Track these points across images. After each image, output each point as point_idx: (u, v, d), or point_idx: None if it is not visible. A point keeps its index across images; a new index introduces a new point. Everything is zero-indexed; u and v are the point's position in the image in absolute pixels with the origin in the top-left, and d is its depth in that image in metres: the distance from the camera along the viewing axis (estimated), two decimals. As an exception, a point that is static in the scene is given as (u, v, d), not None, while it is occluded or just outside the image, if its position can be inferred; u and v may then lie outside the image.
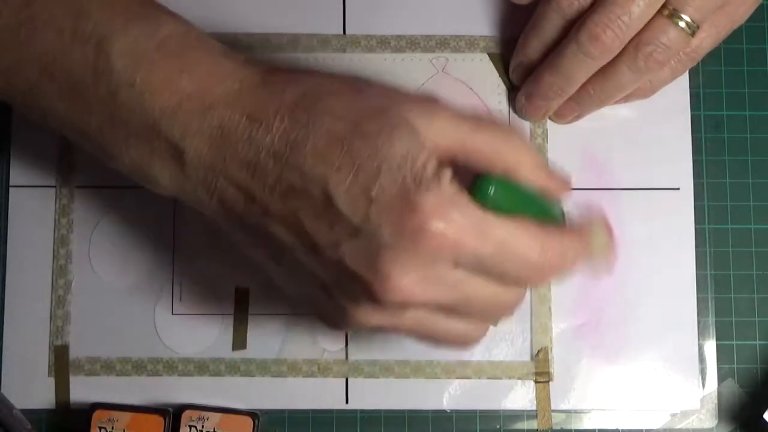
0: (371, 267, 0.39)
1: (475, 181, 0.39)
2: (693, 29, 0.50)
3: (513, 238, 0.40)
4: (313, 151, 0.39)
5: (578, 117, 0.55)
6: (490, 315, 0.44)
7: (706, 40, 0.51)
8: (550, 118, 0.56)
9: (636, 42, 0.50)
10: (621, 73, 0.51)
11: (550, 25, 0.52)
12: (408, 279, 0.39)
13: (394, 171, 0.38)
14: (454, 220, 0.38)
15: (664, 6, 0.49)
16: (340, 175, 0.39)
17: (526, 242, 0.40)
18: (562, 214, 0.44)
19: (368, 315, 0.41)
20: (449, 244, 0.38)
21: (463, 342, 0.44)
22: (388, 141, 0.39)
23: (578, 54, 0.50)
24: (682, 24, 0.49)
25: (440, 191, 0.38)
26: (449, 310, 0.42)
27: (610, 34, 0.49)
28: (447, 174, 0.39)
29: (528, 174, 0.41)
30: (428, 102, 0.41)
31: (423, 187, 0.38)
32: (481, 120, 0.41)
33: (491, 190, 0.39)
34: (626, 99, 0.54)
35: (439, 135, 0.40)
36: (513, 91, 0.57)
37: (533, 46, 0.53)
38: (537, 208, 0.42)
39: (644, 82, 0.52)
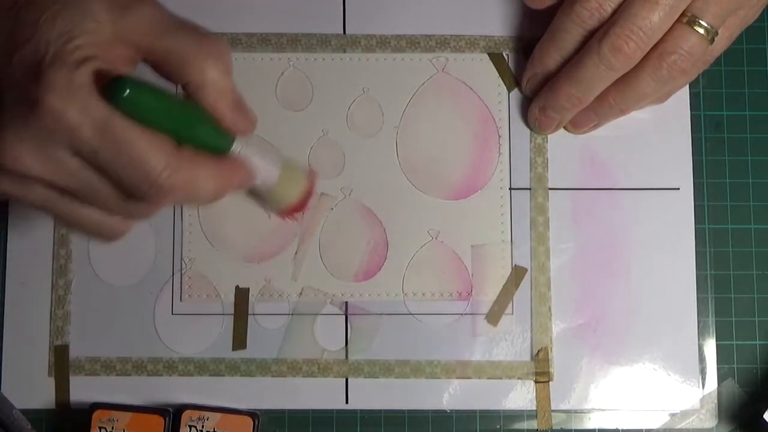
0: None
1: (111, 80, 0.39)
2: (712, 35, 0.50)
3: (135, 146, 0.39)
4: None
5: (595, 127, 0.55)
6: (120, 213, 0.43)
7: (720, 42, 0.51)
8: (565, 129, 0.56)
9: (659, 51, 0.50)
10: (644, 83, 0.51)
11: (570, 37, 0.52)
12: (21, 148, 0.39)
13: (41, 44, 0.39)
14: (72, 105, 0.38)
15: (682, 14, 0.49)
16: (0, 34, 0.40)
17: (150, 155, 0.40)
18: (228, 146, 0.44)
19: None
20: (63, 127, 0.39)
21: (101, 234, 0.44)
22: (52, 16, 0.39)
23: (600, 66, 0.50)
24: (701, 30, 0.49)
25: (71, 75, 0.38)
26: (76, 196, 0.42)
27: (632, 45, 0.49)
28: (91, 65, 0.39)
29: (208, 98, 0.42)
30: None
31: (57, 65, 0.38)
32: (183, 26, 0.42)
33: (125, 93, 0.39)
34: (642, 106, 0.54)
35: (129, 30, 0.40)
36: (512, 91, 0.57)
37: (553, 58, 0.53)
38: (191, 131, 0.42)
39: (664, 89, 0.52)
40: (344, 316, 0.55)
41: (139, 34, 0.41)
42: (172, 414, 0.53)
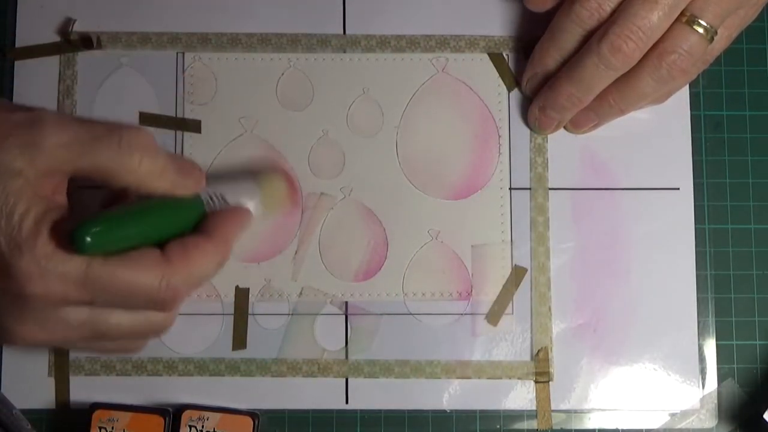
0: None
1: (70, 236, 0.39)
2: (711, 34, 0.50)
3: (123, 279, 0.40)
4: None
5: (595, 127, 0.55)
6: (138, 335, 0.45)
7: (719, 42, 0.51)
8: (565, 128, 0.56)
9: (659, 51, 0.50)
10: (643, 83, 0.51)
11: (569, 37, 0.52)
12: (27, 328, 0.40)
13: None
14: (51, 281, 0.39)
15: (681, 13, 0.49)
16: None
17: (141, 279, 0.40)
18: (201, 207, 0.45)
19: (14, 347, 0.43)
20: (54, 299, 0.39)
21: (125, 352, 0.46)
22: None
23: (599, 65, 0.50)
24: (701, 30, 0.49)
25: (35, 253, 0.38)
26: (92, 339, 0.42)
27: (632, 45, 0.49)
28: (44, 228, 0.39)
29: (152, 186, 0.42)
30: (32, 127, 0.40)
31: (16, 251, 0.38)
32: (95, 136, 0.41)
33: (88, 240, 0.38)
34: (642, 106, 0.54)
35: (47, 164, 0.40)
36: (512, 91, 0.57)
37: (552, 58, 0.53)
38: (162, 224, 0.43)
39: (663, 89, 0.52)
40: (344, 316, 0.55)
41: (58, 164, 0.40)
42: (172, 414, 0.53)
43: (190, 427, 0.53)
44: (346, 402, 0.55)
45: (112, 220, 0.41)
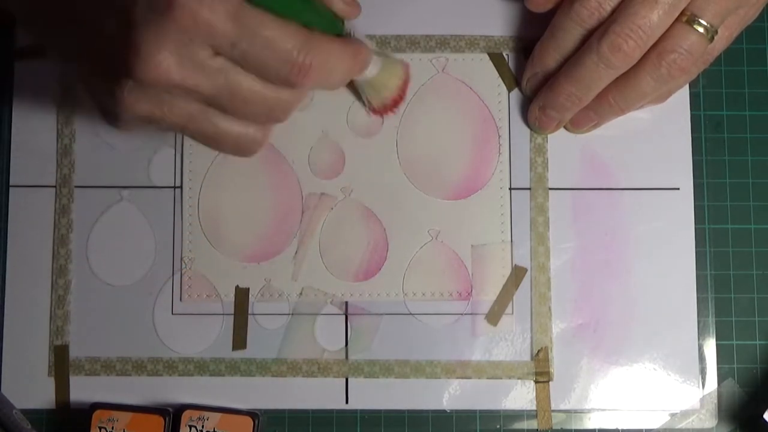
0: (128, 40, 0.40)
1: None
2: (712, 34, 0.50)
3: (270, 30, 0.41)
4: None
5: (595, 126, 0.55)
6: (261, 114, 0.45)
7: (720, 42, 0.51)
8: (565, 128, 0.56)
9: (659, 50, 0.50)
10: (643, 82, 0.51)
11: (569, 36, 0.52)
12: (162, 56, 0.40)
13: None
14: (205, 1, 0.39)
15: (682, 12, 0.49)
16: None
17: (285, 37, 0.42)
18: (342, 30, 0.47)
19: (133, 98, 0.41)
20: (200, 23, 0.39)
21: (242, 146, 0.46)
22: None
23: (599, 64, 0.50)
24: (701, 29, 0.49)
25: None
26: (218, 105, 0.43)
27: (632, 43, 0.49)
28: None
29: None
30: None
31: None
32: None
33: None
34: (642, 105, 0.54)
35: None
36: (512, 91, 0.57)
37: (552, 57, 0.53)
38: (312, 17, 0.44)
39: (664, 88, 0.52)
40: (344, 316, 0.55)
41: None
42: (172, 414, 0.53)
43: (190, 427, 0.53)
44: (346, 402, 0.55)
45: None
